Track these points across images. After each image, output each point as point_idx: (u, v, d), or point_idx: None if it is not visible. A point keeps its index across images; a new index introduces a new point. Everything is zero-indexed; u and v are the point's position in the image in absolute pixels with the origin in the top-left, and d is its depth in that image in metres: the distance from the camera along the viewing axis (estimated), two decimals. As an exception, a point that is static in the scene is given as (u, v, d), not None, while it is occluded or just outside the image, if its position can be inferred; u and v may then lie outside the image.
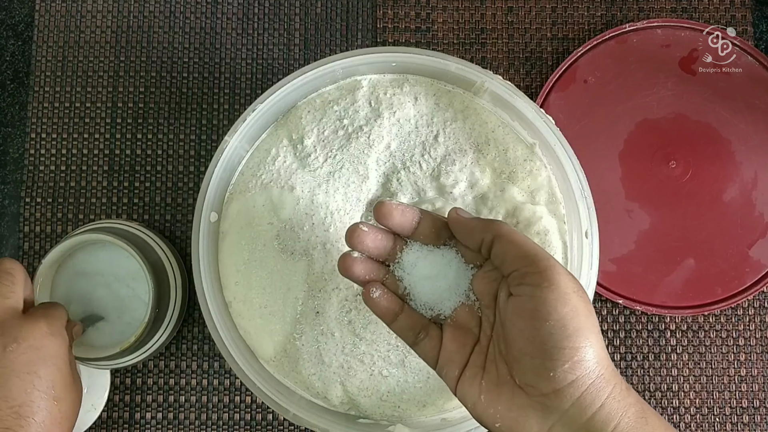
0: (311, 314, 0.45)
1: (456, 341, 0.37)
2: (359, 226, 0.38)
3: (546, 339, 0.32)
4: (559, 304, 0.32)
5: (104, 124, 0.59)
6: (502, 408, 0.34)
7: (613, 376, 0.33)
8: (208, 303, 0.45)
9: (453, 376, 0.36)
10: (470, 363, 0.36)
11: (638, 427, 0.32)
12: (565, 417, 0.33)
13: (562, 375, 0.32)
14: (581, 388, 0.32)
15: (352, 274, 0.39)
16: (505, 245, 0.35)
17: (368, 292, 0.38)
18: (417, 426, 0.45)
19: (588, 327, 0.33)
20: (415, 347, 0.38)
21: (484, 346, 0.36)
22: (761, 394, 0.56)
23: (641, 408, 0.33)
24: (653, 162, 0.57)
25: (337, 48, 0.60)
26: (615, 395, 0.33)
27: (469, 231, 0.37)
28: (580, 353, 0.32)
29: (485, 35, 0.60)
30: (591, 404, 0.32)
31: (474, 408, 0.35)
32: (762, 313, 0.57)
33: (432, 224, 0.39)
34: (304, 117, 0.47)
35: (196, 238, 0.45)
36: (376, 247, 0.38)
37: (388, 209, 0.38)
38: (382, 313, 0.38)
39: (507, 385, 0.34)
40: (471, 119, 0.47)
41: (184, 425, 0.56)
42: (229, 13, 0.60)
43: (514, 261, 0.35)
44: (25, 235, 0.58)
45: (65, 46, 0.60)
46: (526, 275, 0.34)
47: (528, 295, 0.33)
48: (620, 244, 0.56)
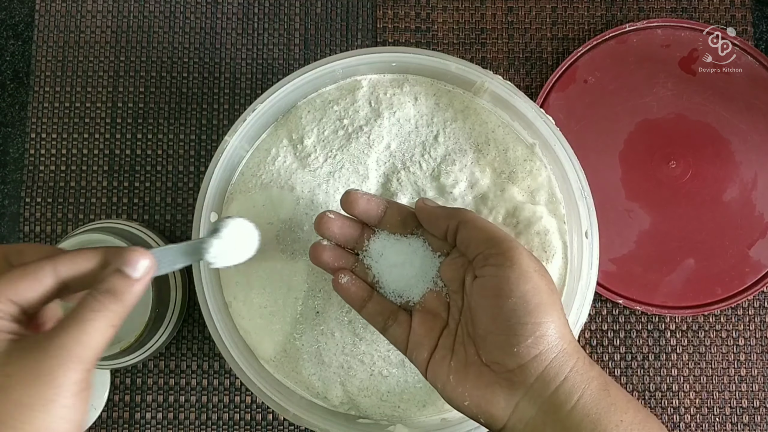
0: (311, 314, 0.45)
1: (424, 326, 0.38)
2: (326, 214, 0.40)
3: (509, 315, 0.34)
4: (521, 282, 0.34)
5: (104, 124, 0.59)
6: (470, 386, 0.35)
7: (576, 351, 0.35)
8: (208, 303, 0.45)
9: (422, 359, 0.37)
10: (439, 346, 0.37)
11: (601, 398, 0.34)
12: (531, 391, 0.34)
13: (525, 350, 0.33)
14: (544, 363, 0.34)
15: (321, 261, 0.40)
16: (469, 230, 0.37)
17: (337, 278, 0.40)
18: (417, 426, 0.45)
19: (549, 303, 0.34)
20: (385, 333, 0.40)
21: (453, 330, 0.38)
22: (761, 394, 0.56)
23: (603, 381, 0.34)
24: (653, 162, 0.57)
25: (337, 48, 0.60)
26: (578, 368, 0.34)
27: (435, 219, 0.38)
28: (542, 328, 0.34)
29: (485, 35, 0.60)
30: (554, 378, 0.34)
31: (444, 389, 0.36)
32: (762, 313, 0.57)
33: (398, 213, 0.40)
34: (304, 117, 0.47)
35: (196, 238, 0.45)
36: (342, 234, 0.40)
37: (353, 197, 0.39)
38: (351, 299, 0.40)
39: (474, 365, 0.35)
40: (471, 119, 0.47)
41: (184, 425, 0.56)
42: (229, 13, 0.60)
43: (478, 245, 0.36)
44: (25, 235, 0.58)
45: (65, 46, 0.60)
46: (490, 256, 0.35)
47: (491, 275, 0.35)
48: (620, 244, 0.56)
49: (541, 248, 0.45)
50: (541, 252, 0.44)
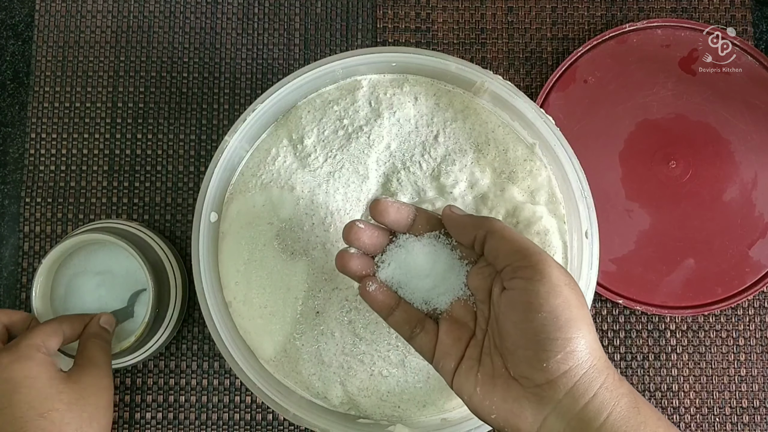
0: (311, 314, 0.45)
1: (452, 335, 0.38)
2: (356, 223, 0.39)
3: (538, 330, 0.33)
4: (551, 296, 0.33)
5: (104, 124, 0.59)
6: (498, 400, 0.34)
7: (606, 367, 0.34)
8: (208, 303, 0.45)
9: (449, 369, 0.37)
10: (466, 356, 0.37)
11: (630, 416, 0.33)
12: (559, 407, 0.33)
13: (554, 366, 0.33)
14: (574, 379, 0.33)
15: (349, 269, 0.39)
16: (497, 241, 0.36)
17: (364, 286, 0.39)
18: (417, 426, 0.45)
19: (580, 318, 0.33)
20: (412, 341, 0.39)
21: (480, 340, 0.37)
22: (761, 394, 0.56)
23: (633, 398, 0.34)
24: (653, 162, 0.57)
25: (337, 48, 0.60)
26: (607, 385, 0.33)
27: (462, 228, 0.38)
28: (572, 344, 0.33)
29: (485, 35, 0.60)
30: (584, 394, 0.33)
31: (470, 400, 0.36)
32: (762, 313, 0.57)
33: (427, 221, 0.39)
34: (304, 117, 0.47)
35: (196, 238, 0.45)
36: (372, 243, 0.39)
37: (383, 206, 0.39)
38: (378, 307, 0.39)
39: (502, 378, 0.35)
40: (471, 119, 0.47)
41: (184, 425, 0.56)
42: (229, 13, 0.60)
43: (506, 256, 0.35)
44: (25, 235, 0.58)
45: (65, 46, 0.60)
46: (519, 269, 0.34)
47: (520, 288, 0.34)
48: (620, 244, 0.56)
49: (541, 248, 0.44)
50: (541, 252, 0.44)
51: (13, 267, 0.57)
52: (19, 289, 0.57)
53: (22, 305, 0.57)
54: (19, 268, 0.57)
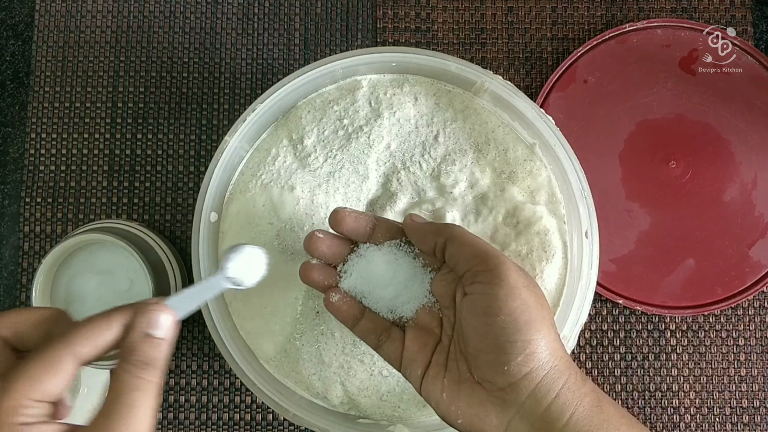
0: (311, 314, 0.45)
1: (418, 342, 0.38)
2: (315, 233, 0.39)
3: (498, 334, 0.33)
4: (509, 299, 0.33)
5: (104, 124, 0.59)
6: (463, 404, 0.35)
7: (567, 367, 0.34)
8: (208, 303, 0.45)
9: (416, 376, 0.37)
10: (432, 362, 0.37)
11: (593, 415, 0.33)
12: (522, 409, 0.34)
13: (516, 368, 0.33)
14: (536, 380, 0.33)
15: (311, 279, 0.40)
16: (457, 247, 0.36)
17: (328, 297, 0.39)
18: (417, 426, 0.45)
19: (539, 319, 0.34)
20: (379, 350, 0.39)
21: (446, 346, 0.37)
22: (761, 394, 0.56)
23: (596, 397, 0.34)
24: (653, 162, 0.57)
25: (337, 48, 0.60)
26: (569, 385, 0.34)
27: (423, 235, 0.38)
28: (532, 345, 0.33)
29: (485, 35, 0.60)
30: (546, 395, 0.33)
31: (437, 406, 0.36)
32: (762, 313, 0.57)
33: (387, 230, 0.40)
34: (304, 117, 0.47)
35: (196, 238, 0.45)
36: (332, 253, 0.40)
37: (341, 216, 0.39)
38: (343, 317, 0.40)
39: (467, 382, 0.35)
40: (471, 119, 0.47)
41: (184, 425, 0.56)
42: (229, 13, 0.60)
43: (466, 261, 0.36)
44: (25, 235, 0.58)
45: (65, 46, 0.60)
46: (478, 273, 0.35)
47: (480, 293, 0.35)
48: (620, 244, 0.56)
49: (541, 248, 0.44)
50: (541, 252, 0.44)
51: (13, 267, 0.57)
52: (19, 289, 0.57)
53: (22, 305, 0.57)
54: (19, 268, 0.57)
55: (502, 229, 0.45)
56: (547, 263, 0.44)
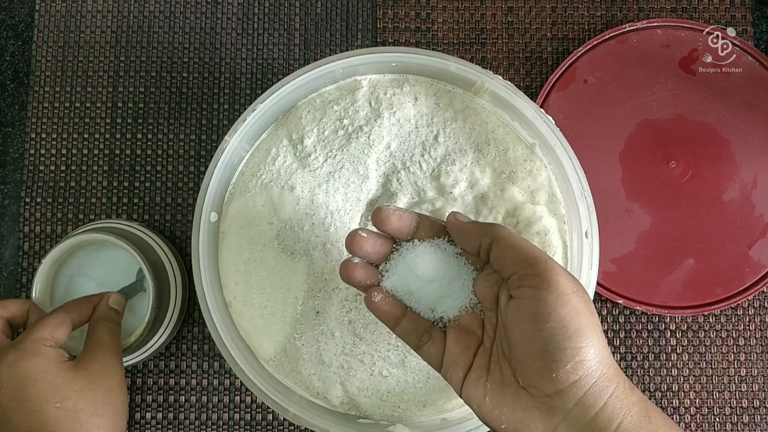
0: (311, 314, 0.45)
1: (459, 344, 0.37)
2: (358, 232, 0.38)
3: (547, 340, 0.33)
4: (559, 305, 0.33)
5: (104, 124, 0.59)
6: (507, 409, 0.34)
7: (616, 375, 0.33)
8: (208, 303, 0.45)
9: (458, 378, 0.36)
10: (474, 365, 0.36)
11: (641, 425, 0.33)
12: (569, 417, 0.33)
13: (564, 376, 0.32)
14: (584, 388, 0.32)
15: (354, 279, 0.39)
16: (503, 249, 0.35)
17: (370, 296, 0.38)
18: (417, 426, 0.45)
19: (589, 327, 0.33)
20: (419, 350, 0.38)
21: (488, 348, 0.37)
22: (761, 394, 0.56)
23: (644, 406, 0.33)
24: (653, 162, 0.57)
25: (337, 48, 0.60)
26: (618, 394, 0.33)
27: (467, 235, 0.37)
28: (582, 353, 0.32)
29: (485, 35, 0.60)
30: (594, 403, 0.32)
31: (480, 410, 0.35)
32: (762, 313, 0.57)
33: (430, 228, 0.39)
34: (304, 117, 0.47)
35: (196, 238, 0.45)
36: (375, 252, 0.39)
37: (386, 214, 0.38)
38: (385, 317, 0.39)
39: (511, 387, 0.34)
40: (471, 119, 0.47)
41: (184, 425, 0.56)
42: (229, 13, 0.60)
43: (512, 264, 0.35)
44: (25, 235, 0.58)
45: (65, 46, 0.60)
46: (525, 277, 0.34)
47: (528, 297, 0.34)
48: (620, 244, 0.56)
49: (541, 248, 0.44)
50: (541, 252, 0.44)
51: (13, 267, 0.57)
52: (19, 289, 0.57)
53: (22, 305, 0.57)
54: (19, 268, 0.57)
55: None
56: (547, 263, 0.44)
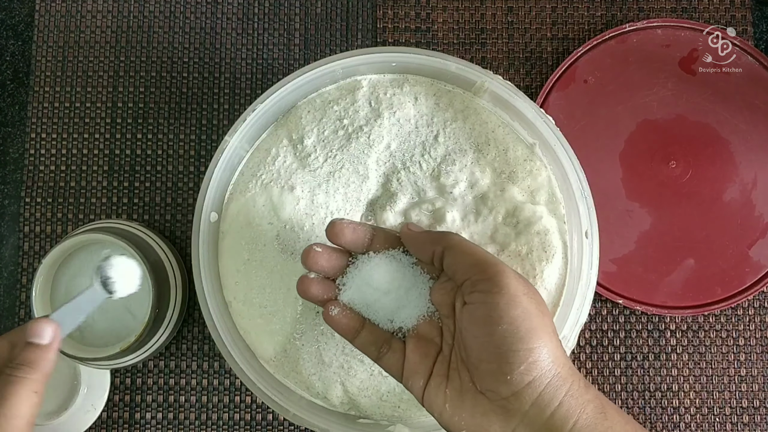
0: (311, 314, 0.45)
1: (418, 352, 0.37)
2: (313, 247, 0.39)
3: (500, 343, 0.33)
4: (510, 308, 0.33)
5: (104, 124, 0.59)
6: (466, 415, 0.34)
7: (571, 374, 0.34)
8: (208, 303, 0.45)
9: (418, 387, 0.37)
10: (434, 373, 0.37)
11: (597, 422, 0.33)
12: (526, 418, 0.33)
13: (518, 377, 0.33)
14: (539, 389, 0.33)
15: (310, 294, 0.39)
16: (455, 255, 0.36)
17: (327, 310, 0.39)
18: (417, 426, 0.45)
19: (540, 327, 0.33)
20: (379, 362, 0.39)
21: (447, 356, 0.37)
22: (761, 394, 0.56)
23: (600, 403, 0.34)
24: (653, 162, 0.57)
25: (337, 48, 0.60)
26: (573, 392, 0.33)
27: (420, 244, 0.38)
28: (534, 354, 0.33)
29: (485, 35, 0.60)
30: (549, 403, 0.33)
31: (441, 417, 0.36)
32: (762, 313, 0.57)
33: (385, 240, 0.40)
34: (304, 117, 0.47)
35: (196, 238, 0.45)
36: (331, 266, 0.39)
37: (339, 228, 0.39)
38: (343, 330, 0.39)
39: (470, 392, 0.35)
40: (471, 119, 0.47)
41: (184, 425, 0.56)
42: (229, 13, 0.60)
43: (465, 270, 0.35)
44: (25, 235, 0.58)
45: (65, 46, 0.60)
46: (477, 282, 0.35)
47: (480, 302, 0.34)
48: (620, 244, 0.56)
49: (541, 248, 0.44)
50: (541, 252, 0.44)
51: (13, 267, 0.57)
52: (19, 289, 0.57)
53: (22, 305, 0.57)
54: (19, 268, 0.57)
55: (502, 229, 0.45)
56: (547, 263, 0.44)
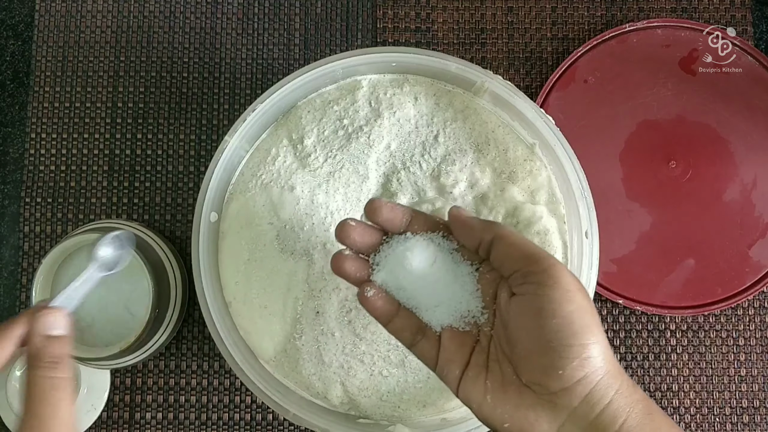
0: (311, 314, 0.45)
1: (455, 341, 0.37)
2: (347, 221, 0.38)
3: (552, 337, 0.32)
4: (564, 302, 0.33)
5: (104, 124, 0.59)
6: (510, 408, 0.34)
7: (620, 373, 0.33)
8: (208, 303, 0.45)
9: (454, 377, 0.36)
10: (472, 363, 0.36)
11: (644, 423, 0.33)
12: (574, 414, 0.33)
13: (570, 373, 0.32)
14: (590, 386, 0.32)
15: (343, 271, 0.38)
16: (506, 246, 0.35)
17: (363, 291, 0.38)
18: (417, 426, 0.45)
19: (594, 324, 0.33)
20: (413, 348, 0.38)
21: (485, 346, 0.36)
22: (761, 394, 0.56)
23: (647, 404, 0.33)
24: (653, 162, 0.57)
25: (337, 48, 0.60)
26: (622, 391, 0.33)
27: (469, 230, 0.37)
28: (588, 350, 0.32)
29: (485, 35, 0.60)
30: (599, 401, 0.32)
31: (480, 409, 0.35)
32: (762, 313, 0.57)
33: (425, 223, 0.38)
34: (304, 117, 0.47)
35: (196, 238, 0.45)
36: (363, 242, 0.38)
37: (377, 204, 0.38)
38: (378, 313, 0.38)
39: (513, 385, 0.34)
40: (471, 119, 0.47)
41: (184, 425, 0.56)
42: (229, 13, 0.60)
43: (515, 261, 0.35)
44: (25, 235, 0.58)
45: (65, 46, 0.60)
46: (529, 274, 0.34)
47: (532, 294, 0.33)
48: (620, 244, 0.56)
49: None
50: (541, 252, 0.44)
51: (13, 267, 0.57)
52: (19, 289, 0.57)
53: (22, 305, 0.57)
54: (19, 268, 0.57)
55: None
56: (547, 263, 0.44)
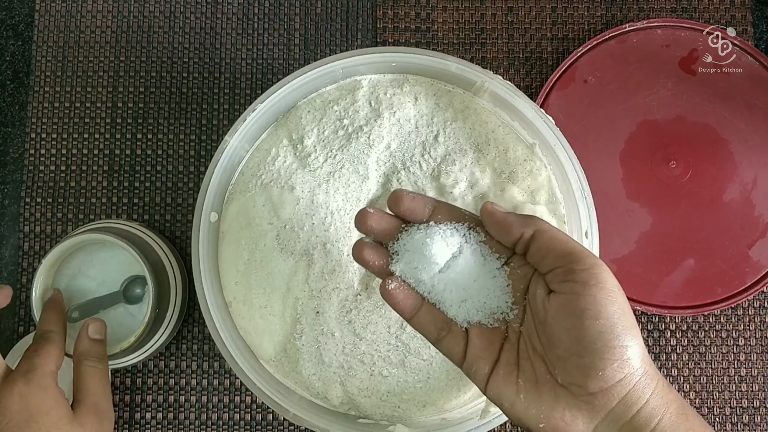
0: (311, 314, 0.45)
1: (483, 337, 0.36)
2: (365, 209, 0.38)
3: (597, 338, 0.32)
4: (608, 303, 0.32)
5: (104, 124, 0.59)
6: (546, 408, 0.33)
7: (656, 373, 0.33)
8: (208, 303, 0.45)
9: (483, 374, 0.35)
10: (502, 360, 0.35)
11: (679, 422, 0.32)
12: (611, 415, 0.32)
13: (611, 374, 0.32)
14: (628, 386, 0.32)
15: (362, 259, 0.38)
16: (547, 241, 0.34)
17: (385, 284, 0.37)
18: (417, 426, 0.45)
19: (633, 325, 0.33)
20: (438, 344, 0.37)
21: (515, 344, 0.35)
22: (761, 394, 0.56)
23: (681, 404, 0.33)
24: (653, 162, 0.57)
25: (337, 48, 0.60)
26: (658, 391, 0.33)
27: (507, 226, 0.35)
28: (628, 351, 0.32)
29: (485, 35, 0.60)
30: (636, 401, 0.32)
31: (512, 408, 0.34)
32: (762, 313, 0.57)
33: (448, 214, 0.37)
34: (304, 117, 0.47)
35: (196, 238, 0.45)
36: (381, 228, 0.37)
37: (398, 195, 0.37)
38: (400, 307, 0.37)
39: (547, 384, 0.34)
40: (471, 119, 0.47)
41: (184, 425, 0.56)
42: (229, 13, 0.60)
43: (556, 258, 0.34)
44: (25, 235, 0.58)
45: (65, 46, 0.60)
46: (572, 272, 0.33)
47: (576, 293, 0.33)
48: (620, 244, 0.56)
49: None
50: (541, 252, 0.44)
51: (13, 267, 0.57)
52: (19, 289, 0.57)
53: (22, 305, 0.57)
54: (19, 268, 0.57)
55: None
56: (547, 263, 0.44)
